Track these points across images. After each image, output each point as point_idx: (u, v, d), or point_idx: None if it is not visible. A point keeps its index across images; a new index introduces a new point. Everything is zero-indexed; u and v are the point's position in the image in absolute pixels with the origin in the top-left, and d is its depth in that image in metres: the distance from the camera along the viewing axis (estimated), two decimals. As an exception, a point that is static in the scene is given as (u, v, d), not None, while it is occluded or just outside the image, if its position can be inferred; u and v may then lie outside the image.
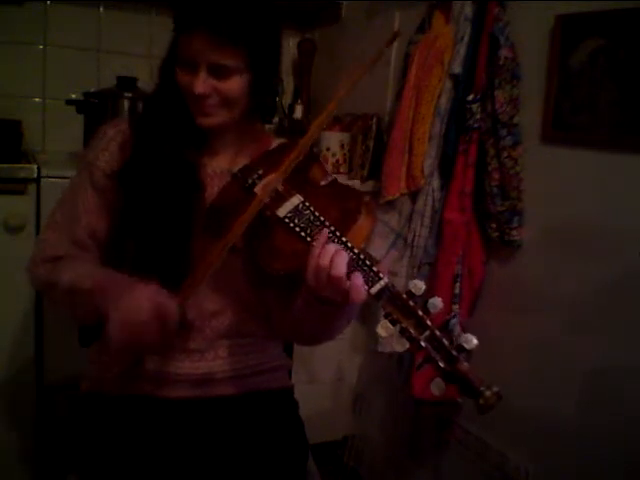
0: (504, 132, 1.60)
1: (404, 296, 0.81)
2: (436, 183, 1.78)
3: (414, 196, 1.84)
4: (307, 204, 0.93)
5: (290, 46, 2.55)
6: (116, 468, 1.02)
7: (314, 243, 0.87)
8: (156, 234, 1.03)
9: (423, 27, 1.85)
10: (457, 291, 1.72)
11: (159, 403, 1.08)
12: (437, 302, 0.81)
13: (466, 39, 1.69)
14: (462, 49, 1.70)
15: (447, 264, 1.73)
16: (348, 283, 0.83)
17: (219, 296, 1.07)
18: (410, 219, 1.85)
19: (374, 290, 0.82)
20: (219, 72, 1.01)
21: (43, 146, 2.14)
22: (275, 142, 1.16)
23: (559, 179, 1.55)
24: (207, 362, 1.09)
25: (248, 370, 1.13)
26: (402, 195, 1.84)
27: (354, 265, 0.84)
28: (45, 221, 1.14)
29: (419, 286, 0.81)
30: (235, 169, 1.05)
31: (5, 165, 1.65)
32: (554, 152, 1.55)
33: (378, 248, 1.87)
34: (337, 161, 2.14)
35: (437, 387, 0.77)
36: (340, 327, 1.02)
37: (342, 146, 2.14)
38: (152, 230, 1.03)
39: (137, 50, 2.24)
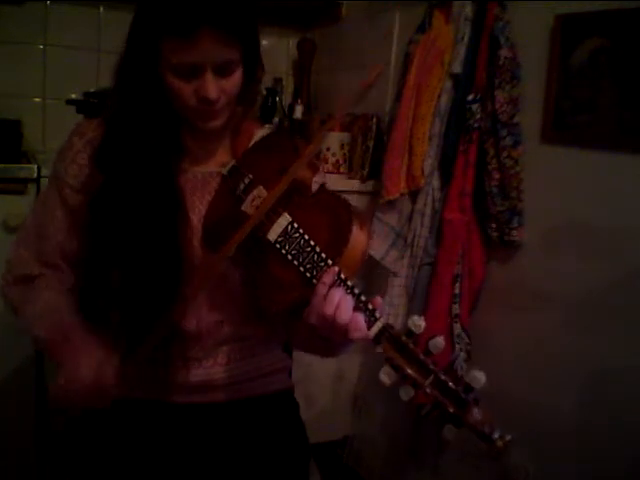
0: (504, 132, 1.59)
1: (403, 338, 0.77)
2: (436, 183, 1.78)
3: (414, 196, 1.84)
4: (296, 225, 0.88)
5: (290, 46, 2.55)
6: (114, 471, 1.01)
7: (318, 284, 0.82)
8: (144, 253, 0.97)
9: (423, 27, 1.85)
10: (457, 291, 1.72)
11: (158, 408, 1.08)
12: (439, 342, 0.77)
13: (466, 39, 1.70)
14: (462, 49, 1.70)
15: (447, 264, 1.73)
16: (347, 327, 0.80)
17: (218, 304, 1.05)
18: (410, 219, 1.86)
19: (372, 332, 0.79)
20: (224, 70, 0.95)
21: (43, 146, 2.15)
22: (258, 131, 1.11)
23: (559, 179, 1.54)
24: (206, 369, 1.08)
25: (247, 375, 1.12)
26: (402, 195, 1.84)
27: (356, 306, 0.81)
28: (17, 235, 1.09)
29: (419, 324, 0.78)
30: (219, 169, 1.02)
31: (5, 165, 1.65)
32: (554, 152, 1.55)
33: (378, 248, 1.87)
34: (337, 161, 2.14)
35: (449, 432, 0.74)
36: (345, 350, 1.00)
37: (342, 146, 2.14)
38: (139, 250, 0.98)
39: (137, 50, 2.23)
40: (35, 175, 1.67)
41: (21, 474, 1.79)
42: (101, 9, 2.19)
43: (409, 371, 0.75)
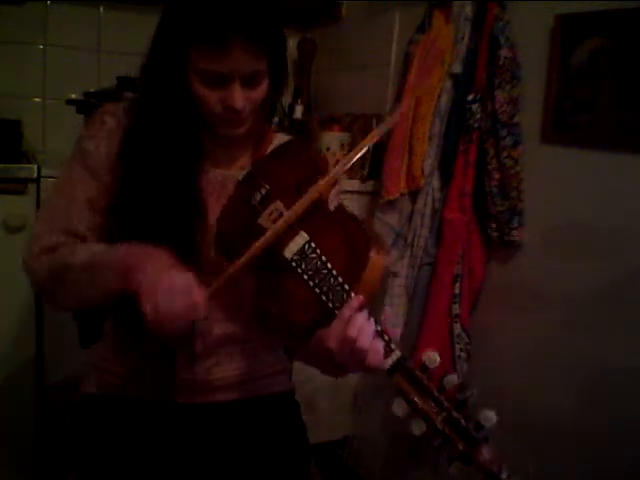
0: (504, 132, 1.59)
1: (418, 373, 0.77)
2: (436, 183, 1.78)
3: (414, 196, 1.84)
4: (313, 245, 0.87)
5: (290, 46, 2.55)
6: (116, 469, 1.01)
7: (344, 308, 0.82)
8: (160, 240, 0.96)
9: (423, 27, 1.85)
10: (457, 291, 1.72)
11: (160, 406, 1.08)
12: (454, 379, 0.77)
13: (466, 39, 1.70)
14: (462, 49, 1.70)
15: (447, 264, 1.73)
16: (367, 353, 0.80)
17: (223, 305, 1.05)
18: (410, 219, 1.85)
19: (388, 363, 0.79)
20: (252, 81, 0.96)
21: (43, 146, 2.14)
22: (276, 138, 1.13)
23: (559, 179, 1.54)
24: (209, 369, 1.08)
25: (250, 376, 1.12)
26: (402, 195, 1.84)
27: (375, 334, 0.81)
28: (39, 212, 1.07)
29: (434, 358, 0.78)
30: (237, 175, 1.02)
31: (5, 165, 1.65)
32: (554, 152, 1.55)
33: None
34: (337, 161, 2.14)
35: (456, 469, 0.75)
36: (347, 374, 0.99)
37: (342, 146, 2.14)
38: (156, 238, 0.96)
39: (137, 50, 2.23)
40: (35, 175, 1.67)
41: (21, 474, 1.79)
42: (101, 9, 2.19)
43: (422, 406, 0.76)
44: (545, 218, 1.59)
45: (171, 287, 0.84)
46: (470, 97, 1.65)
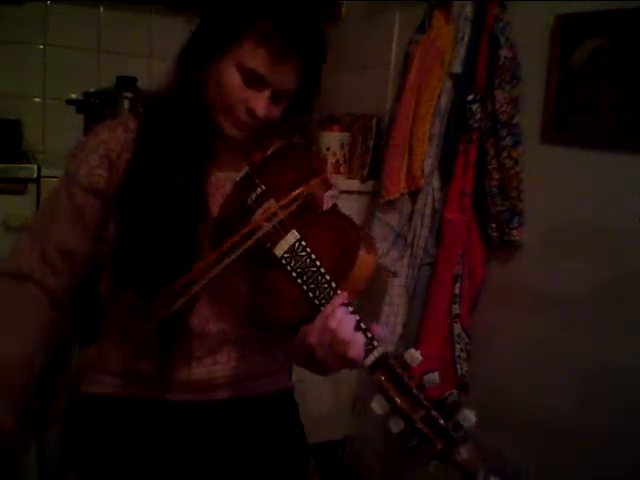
0: (504, 132, 1.59)
1: (399, 370, 0.77)
2: (436, 183, 1.78)
3: (414, 196, 1.84)
4: (303, 244, 0.89)
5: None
6: (115, 469, 1.01)
7: (327, 306, 0.83)
8: (161, 248, 0.99)
9: (423, 27, 1.85)
10: (457, 291, 1.72)
11: (159, 405, 1.08)
12: (434, 377, 0.76)
13: (466, 39, 1.69)
14: (462, 49, 1.70)
15: (447, 264, 1.73)
16: (347, 346, 0.80)
17: (220, 304, 1.05)
18: (410, 219, 1.85)
19: (369, 360, 0.79)
20: (279, 97, 0.99)
21: (43, 146, 2.14)
22: (276, 141, 1.12)
23: (559, 179, 1.54)
24: (207, 368, 1.08)
25: (248, 374, 1.13)
26: (402, 195, 1.84)
27: (356, 329, 0.81)
28: (25, 226, 1.09)
29: (415, 357, 0.77)
30: (237, 176, 1.03)
31: (5, 165, 1.65)
32: (554, 152, 1.55)
33: (378, 248, 1.87)
34: (337, 161, 2.14)
35: (434, 468, 0.74)
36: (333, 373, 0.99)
37: (342, 146, 2.14)
38: (156, 244, 0.99)
39: (137, 50, 2.24)
40: (35, 175, 1.67)
41: (21, 474, 1.79)
42: (101, 9, 2.18)
43: (401, 404, 0.75)
44: (545, 218, 1.59)
45: None
46: (470, 97, 1.65)
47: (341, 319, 0.80)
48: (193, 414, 1.09)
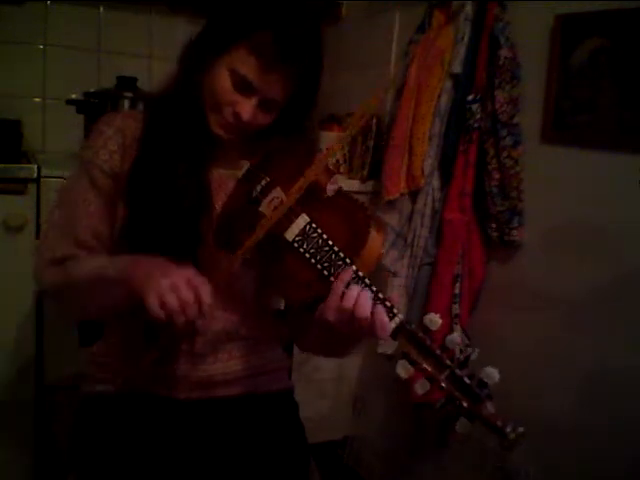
0: (504, 132, 1.60)
1: (420, 334, 0.79)
2: (436, 183, 1.78)
3: (414, 196, 1.84)
4: (314, 226, 0.91)
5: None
6: (116, 468, 1.01)
7: (336, 281, 0.85)
8: (164, 241, 1.00)
9: (423, 27, 1.85)
10: (457, 291, 1.72)
11: (160, 403, 1.08)
12: (455, 338, 0.79)
13: (466, 39, 1.69)
14: (462, 49, 1.70)
15: (447, 264, 1.73)
16: (370, 320, 0.82)
17: (223, 301, 1.05)
18: (410, 219, 1.85)
19: (390, 327, 0.81)
20: (266, 105, 1.01)
21: (43, 146, 2.14)
22: (276, 140, 1.14)
23: (559, 179, 1.54)
24: (208, 365, 1.09)
25: (248, 372, 1.13)
26: (402, 195, 1.84)
27: (374, 301, 0.83)
28: (44, 225, 1.11)
29: (435, 321, 0.80)
30: (239, 173, 1.04)
31: (5, 165, 1.65)
32: (554, 152, 1.55)
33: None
34: (337, 161, 2.14)
35: (463, 427, 0.76)
36: (356, 349, 1.02)
37: (342, 146, 2.14)
38: (160, 237, 1.00)
39: (137, 50, 2.24)
40: (35, 175, 1.67)
41: (21, 474, 1.79)
42: (101, 9, 2.18)
43: (425, 365, 0.77)
44: (545, 218, 1.59)
45: (174, 279, 0.86)
46: (470, 97, 1.65)
47: (357, 298, 0.83)
48: (194, 412, 1.09)
